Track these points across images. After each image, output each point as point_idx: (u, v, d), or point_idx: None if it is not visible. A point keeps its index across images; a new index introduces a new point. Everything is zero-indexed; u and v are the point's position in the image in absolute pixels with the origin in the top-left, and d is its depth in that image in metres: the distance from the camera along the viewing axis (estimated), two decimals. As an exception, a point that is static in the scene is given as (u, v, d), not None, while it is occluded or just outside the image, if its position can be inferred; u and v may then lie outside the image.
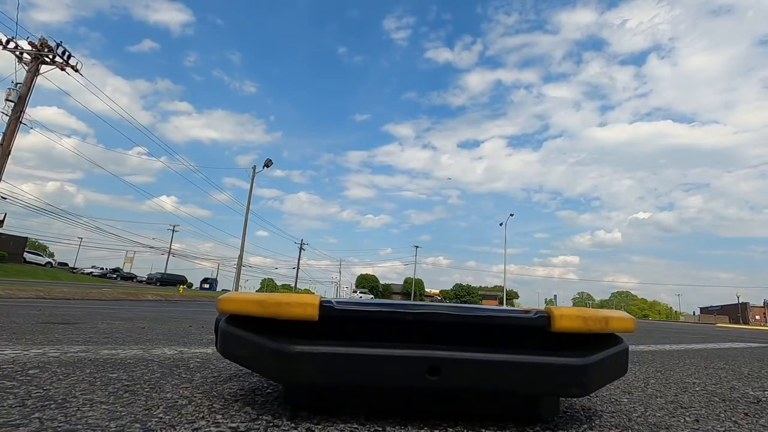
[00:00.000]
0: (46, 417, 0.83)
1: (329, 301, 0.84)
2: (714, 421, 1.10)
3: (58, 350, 1.74)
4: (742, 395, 1.49)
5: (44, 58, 14.77)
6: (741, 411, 1.23)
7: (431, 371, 0.79)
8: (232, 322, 0.92)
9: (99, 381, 1.18)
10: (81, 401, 0.95)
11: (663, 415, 1.12)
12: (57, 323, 3.15)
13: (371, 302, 0.88)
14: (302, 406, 0.93)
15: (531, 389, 0.81)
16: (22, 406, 0.89)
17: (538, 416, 0.92)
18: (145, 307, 8.04)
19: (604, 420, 1.03)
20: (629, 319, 0.96)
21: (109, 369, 1.37)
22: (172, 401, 0.99)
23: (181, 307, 8.52)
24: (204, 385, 1.19)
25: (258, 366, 0.85)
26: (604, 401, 1.25)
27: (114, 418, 0.84)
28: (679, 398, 1.37)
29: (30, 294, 9.79)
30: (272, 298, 0.84)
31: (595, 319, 0.86)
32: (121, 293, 12.24)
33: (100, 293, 11.20)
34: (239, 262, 23.88)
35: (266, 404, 1.00)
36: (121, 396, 1.02)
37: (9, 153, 13.82)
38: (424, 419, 0.91)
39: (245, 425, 0.84)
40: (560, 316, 0.84)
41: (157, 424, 0.82)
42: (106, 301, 9.32)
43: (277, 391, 1.15)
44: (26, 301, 8.16)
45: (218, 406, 0.97)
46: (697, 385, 1.67)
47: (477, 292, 74.44)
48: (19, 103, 14.06)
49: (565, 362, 0.81)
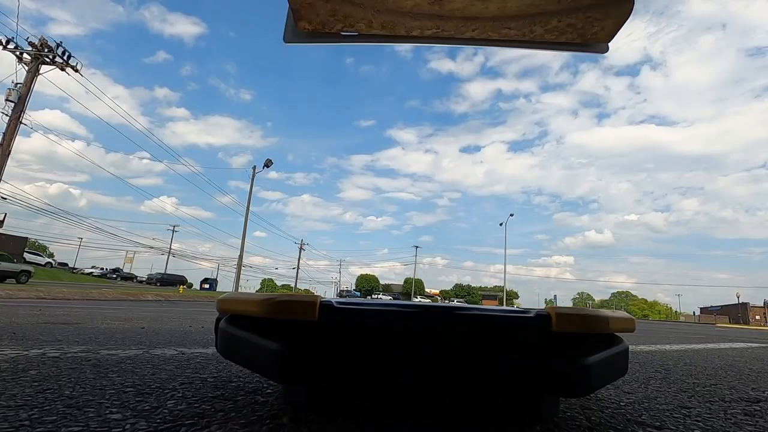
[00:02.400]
0: (45, 418, 0.83)
1: (329, 301, 0.84)
2: (714, 421, 1.10)
3: (58, 350, 1.74)
4: (742, 395, 1.49)
5: (44, 59, 14.77)
6: (741, 411, 1.23)
7: (432, 371, 0.79)
8: (232, 322, 0.92)
9: (99, 381, 1.18)
10: (81, 401, 0.95)
11: (663, 416, 1.12)
12: (57, 323, 3.15)
13: (371, 302, 0.88)
14: (303, 406, 0.93)
15: (531, 389, 0.81)
16: (23, 407, 0.89)
17: (539, 416, 0.92)
18: (145, 307, 8.04)
19: (604, 420, 1.03)
20: (629, 320, 0.96)
21: (110, 369, 1.37)
22: (173, 402, 0.99)
23: (181, 308, 8.51)
24: (204, 386, 1.19)
25: (258, 366, 0.85)
26: (604, 401, 1.25)
27: (115, 418, 0.84)
28: (679, 398, 1.37)
29: (30, 294, 9.79)
30: (272, 298, 0.84)
31: (595, 320, 0.86)
32: (121, 293, 12.23)
33: (100, 293, 11.18)
34: (239, 262, 23.88)
35: (266, 404, 1.00)
36: (122, 396, 1.02)
37: (9, 153, 13.82)
38: (424, 419, 0.91)
39: (246, 426, 0.84)
40: (560, 317, 0.84)
41: (157, 424, 0.82)
42: (106, 302, 9.32)
43: (277, 391, 1.15)
44: (26, 301, 8.15)
45: (219, 407, 0.97)
46: (697, 385, 1.67)
47: (477, 292, 74.45)
48: (19, 104, 14.05)
49: (565, 362, 0.81)
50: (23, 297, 9.53)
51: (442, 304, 0.98)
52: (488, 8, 0.74)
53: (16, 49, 14.42)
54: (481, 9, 0.74)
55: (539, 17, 0.77)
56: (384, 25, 0.80)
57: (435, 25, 0.79)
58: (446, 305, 0.91)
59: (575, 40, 0.82)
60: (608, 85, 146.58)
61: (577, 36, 0.81)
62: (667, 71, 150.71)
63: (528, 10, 0.75)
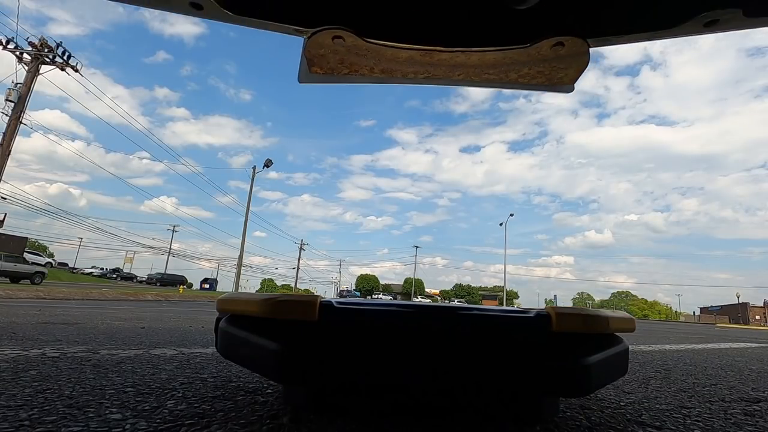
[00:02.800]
0: (45, 418, 0.83)
1: (329, 301, 0.84)
2: (714, 421, 1.10)
3: (58, 350, 1.74)
4: (742, 395, 1.49)
5: (44, 59, 14.77)
6: (741, 411, 1.23)
7: (431, 371, 0.79)
8: (231, 322, 0.92)
9: (99, 381, 1.18)
10: (81, 401, 0.95)
11: (663, 416, 1.12)
12: (57, 323, 3.15)
13: (371, 302, 0.88)
14: (303, 406, 0.93)
15: (531, 389, 0.81)
16: (23, 407, 0.89)
17: (539, 416, 0.92)
18: (145, 307, 8.04)
19: (604, 420, 1.03)
20: (629, 320, 0.96)
21: (110, 369, 1.37)
22: (173, 402, 0.99)
23: (181, 308, 8.52)
24: (204, 386, 1.19)
25: (258, 366, 0.85)
26: (604, 401, 1.25)
27: (115, 418, 0.84)
28: (679, 398, 1.37)
29: (30, 294, 9.79)
30: (272, 298, 0.84)
31: (595, 320, 0.86)
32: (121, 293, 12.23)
33: (100, 293, 11.19)
34: (239, 262, 23.88)
35: (266, 404, 1.00)
36: (122, 396, 1.02)
37: (9, 153, 13.82)
38: (424, 419, 0.91)
39: (246, 426, 0.84)
40: (560, 317, 0.84)
41: (157, 424, 0.82)
42: (106, 302, 9.32)
43: (277, 391, 1.15)
44: (26, 301, 8.15)
45: (219, 407, 0.97)
46: (697, 385, 1.67)
47: (477, 292, 74.47)
48: (19, 104, 14.05)
49: (565, 362, 0.81)
50: (23, 297, 9.53)
51: (442, 304, 0.98)
52: (470, 59, 0.91)
53: (16, 49, 14.42)
54: (464, 59, 0.91)
55: (513, 65, 0.93)
56: (383, 71, 0.95)
57: (426, 71, 0.95)
58: (446, 305, 0.91)
59: (545, 84, 0.99)
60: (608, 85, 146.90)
61: (546, 80, 0.97)
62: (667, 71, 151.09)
63: (503, 60, 0.92)
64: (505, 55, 0.90)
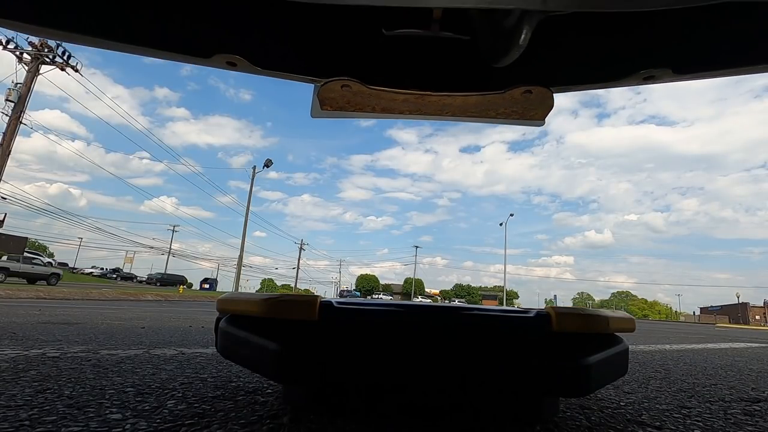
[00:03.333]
0: (45, 418, 0.83)
1: (329, 301, 0.84)
2: (714, 421, 1.10)
3: (58, 350, 1.74)
4: (742, 395, 1.49)
5: (44, 59, 14.77)
6: (741, 411, 1.23)
7: (431, 371, 0.79)
8: (231, 322, 0.92)
9: (99, 381, 1.18)
10: (81, 401, 0.95)
11: (663, 416, 1.12)
12: (57, 323, 3.15)
13: (371, 302, 0.88)
14: (303, 406, 0.93)
15: (531, 389, 0.81)
16: (23, 407, 0.89)
17: (539, 416, 0.92)
18: (145, 307, 8.04)
19: (604, 420, 1.03)
20: (629, 320, 0.96)
21: (110, 369, 1.37)
22: (173, 402, 0.99)
23: (181, 308, 8.52)
24: (204, 386, 1.19)
25: (258, 366, 0.85)
26: (604, 401, 1.25)
27: (115, 418, 0.84)
28: (679, 398, 1.37)
29: (30, 294, 9.79)
30: (272, 298, 0.84)
31: (595, 320, 0.86)
32: (121, 293, 12.24)
33: (100, 293, 11.20)
34: (239, 262, 23.88)
35: (266, 404, 1.00)
36: (122, 396, 1.02)
37: (9, 153, 13.82)
38: (423, 419, 0.91)
39: (246, 426, 0.84)
40: (560, 316, 0.84)
41: (157, 424, 0.82)
42: (106, 302, 9.32)
43: (277, 391, 1.15)
44: (26, 301, 8.16)
45: (219, 407, 0.97)
46: (697, 385, 1.67)
47: (477, 292, 74.49)
48: (19, 104, 14.05)
49: (565, 362, 0.81)
50: (23, 297, 9.53)
51: (441, 304, 0.98)
52: (456, 101, 1.11)
53: (16, 49, 14.42)
54: (450, 101, 1.11)
55: (491, 106, 1.14)
56: (384, 109, 1.16)
57: (419, 109, 1.15)
58: (446, 305, 0.91)
59: (519, 119, 1.20)
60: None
61: (519, 117, 1.18)
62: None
63: (483, 102, 1.12)
64: (485, 98, 1.10)
